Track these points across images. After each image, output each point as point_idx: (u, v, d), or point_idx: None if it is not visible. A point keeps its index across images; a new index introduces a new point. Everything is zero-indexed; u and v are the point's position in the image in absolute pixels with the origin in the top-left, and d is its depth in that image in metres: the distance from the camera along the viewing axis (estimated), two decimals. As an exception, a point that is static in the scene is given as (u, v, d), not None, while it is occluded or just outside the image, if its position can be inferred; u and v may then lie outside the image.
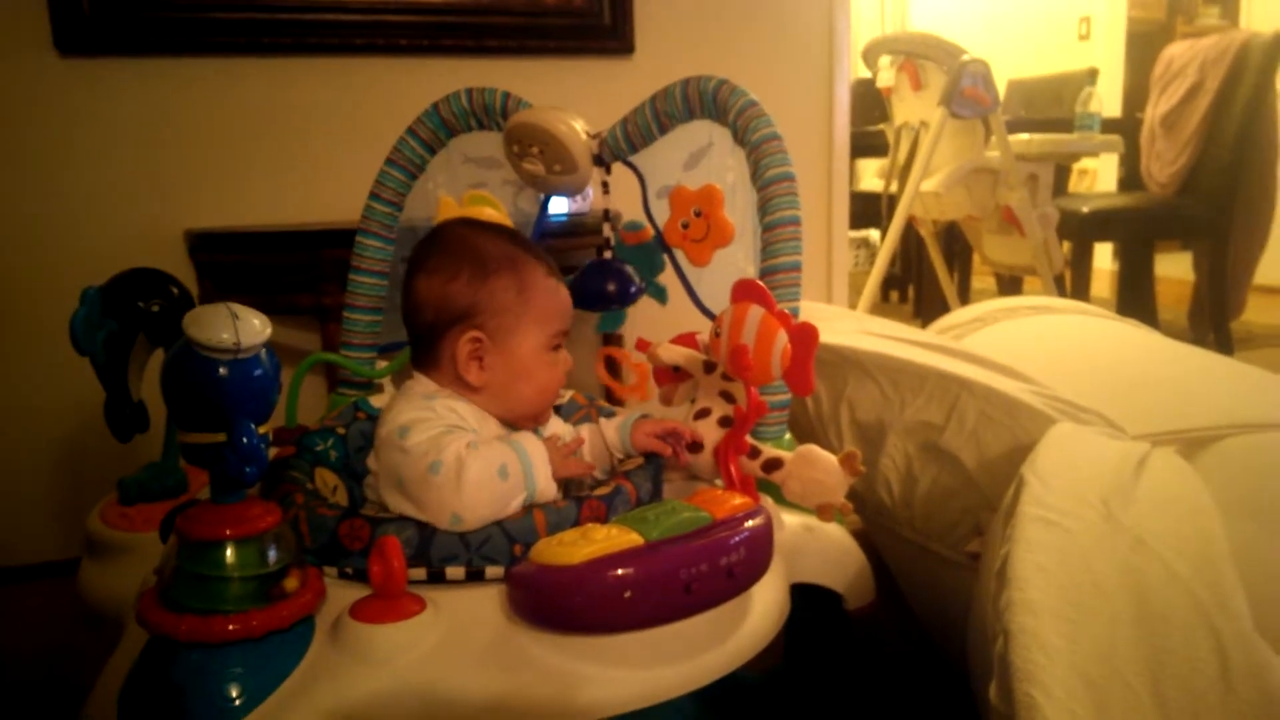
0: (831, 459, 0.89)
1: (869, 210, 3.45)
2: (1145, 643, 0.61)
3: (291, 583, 0.67)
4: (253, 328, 0.62)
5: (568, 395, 1.09)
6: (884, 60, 2.98)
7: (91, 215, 1.74)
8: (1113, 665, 0.59)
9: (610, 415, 1.05)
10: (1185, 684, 0.58)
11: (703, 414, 0.98)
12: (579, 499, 0.78)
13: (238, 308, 0.63)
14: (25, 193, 1.71)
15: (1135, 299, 3.32)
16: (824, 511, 0.90)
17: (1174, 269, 3.81)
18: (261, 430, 0.64)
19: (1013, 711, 0.58)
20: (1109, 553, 0.70)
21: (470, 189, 1.21)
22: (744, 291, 0.91)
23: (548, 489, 0.81)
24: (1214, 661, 0.58)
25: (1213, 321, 3.23)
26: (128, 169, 1.76)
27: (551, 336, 0.91)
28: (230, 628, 0.63)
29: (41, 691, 1.28)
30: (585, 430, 0.98)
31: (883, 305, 4.10)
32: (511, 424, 0.91)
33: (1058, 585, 0.67)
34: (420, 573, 0.74)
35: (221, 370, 0.61)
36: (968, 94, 2.57)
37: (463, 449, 0.78)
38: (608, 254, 1.24)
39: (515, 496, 0.79)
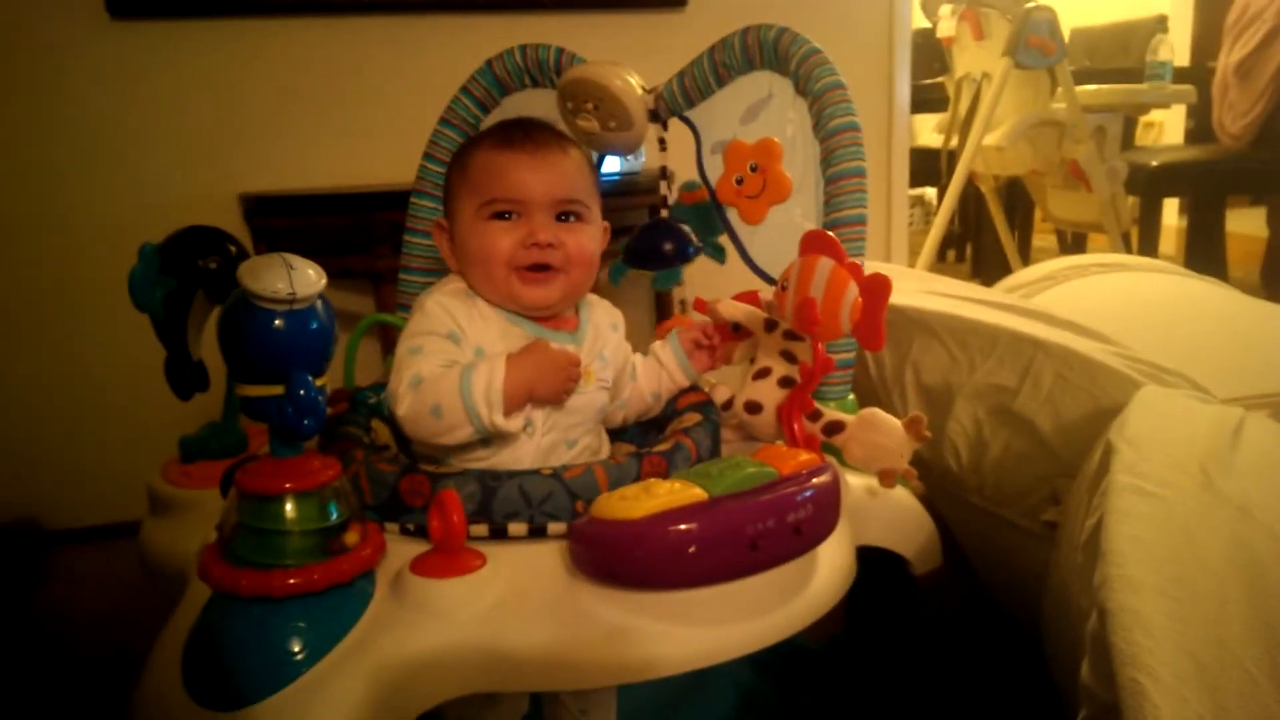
0: (895, 423, 0.86)
1: (926, 167, 3.34)
2: (1261, 623, 0.57)
3: (352, 537, 0.67)
4: (308, 278, 0.61)
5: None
6: (945, 9, 2.88)
7: (147, 179, 1.75)
8: (1226, 648, 0.55)
9: None
10: (1308, 669, 0.54)
11: (763, 374, 0.95)
12: (639, 455, 0.76)
13: (292, 258, 0.62)
14: (80, 157, 1.72)
15: (1205, 256, 3.18)
16: (886, 477, 0.86)
17: (1244, 225, 3.65)
18: (319, 383, 0.63)
19: (1114, 696, 0.54)
20: (1212, 525, 0.66)
21: None
22: (813, 243, 0.87)
23: (498, 421, 0.78)
24: (1341, 645, 0.54)
25: (1288, 279, 3.10)
26: (182, 132, 1.76)
27: (484, 204, 0.88)
28: (291, 581, 0.62)
29: (101, 654, 1.30)
30: (639, 361, 0.97)
31: (939, 265, 3.99)
32: (517, 313, 0.89)
33: (1158, 560, 0.63)
34: (482, 529, 0.73)
35: (277, 321, 0.61)
36: (1033, 43, 2.47)
37: (414, 375, 0.81)
38: (664, 213, 1.20)
39: (456, 430, 0.79)
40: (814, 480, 0.70)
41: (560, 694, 0.93)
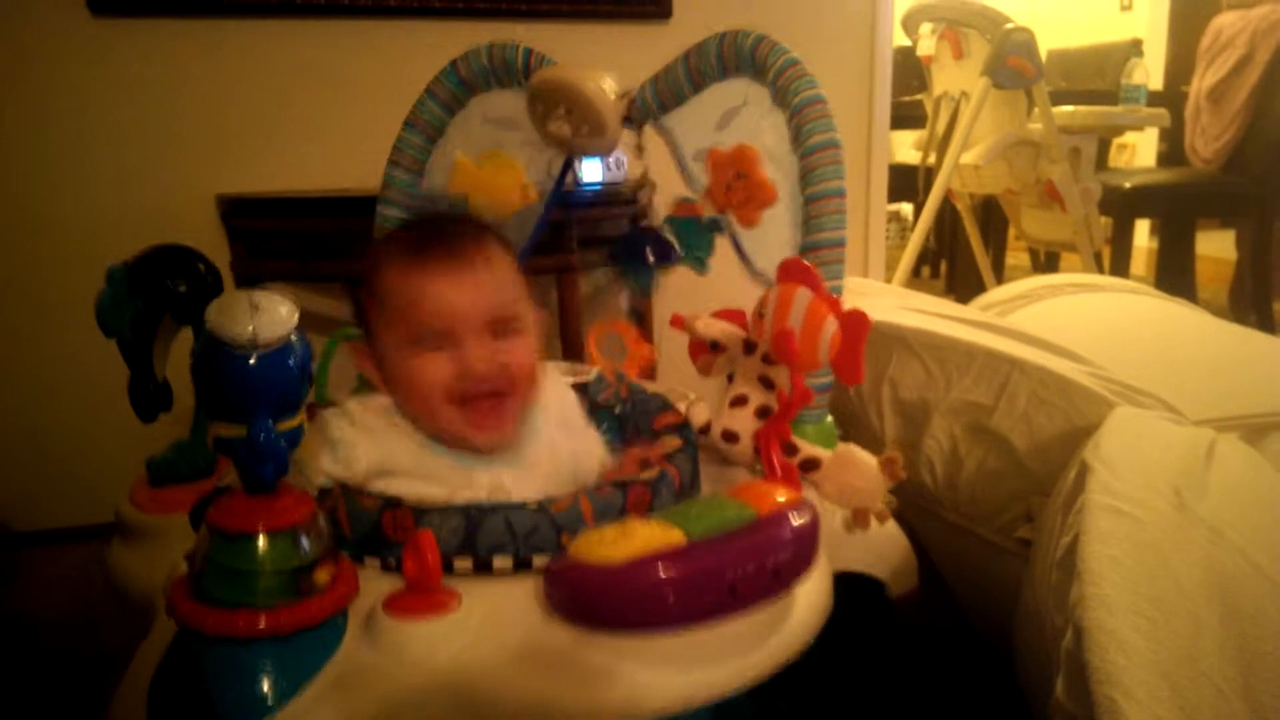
0: (871, 463, 0.85)
1: (904, 183, 3.37)
2: (1234, 644, 0.58)
3: (323, 576, 0.64)
4: (275, 319, 0.58)
5: (594, 371, 1.05)
6: (925, 27, 2.90)
7: (123, 178, 1.73)
8: (1199, 668, 0.56)
9: (639, 391, 1.02)
10: (1280, 691, 0.55)
11: (739, 401, 0.94)
12: (624, 486, 0.76)
13: (261, 297, 0.59)
14: (55, 153, 1.70)
15: (1175, 277, 3.23)
16: (860, 517, 0.86)
17: (1212, 247, 3.71)
18: (289, 425, 0.61)
19: (1089, 713, 0.55)
20: (1185, 545, 0.67)
21: (487, 150, 1.16)
22: (790, 272, 0.87)
23: None
24: (1312, 669, 0.55)
25: (1254, 302, 3.15)
26: (160, 131, 1.74)
27: (408, 336, 0.81)
28: (259, 625, 0.61)
29: (70, 655, 1.28)
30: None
31: (914, 281, 4.02)
32: (435, 439, 0.82)
33: (1133, 580, 0.63)
34: (466, 563, 0.71)
35: (240, 364, 0.58)
36: (1012, 64, 2.50)
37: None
38: (645, 223, 1.20)
39: None
40: (794, 521, 0.69)
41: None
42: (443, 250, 0.82)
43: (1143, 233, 3.92)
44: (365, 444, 0.79)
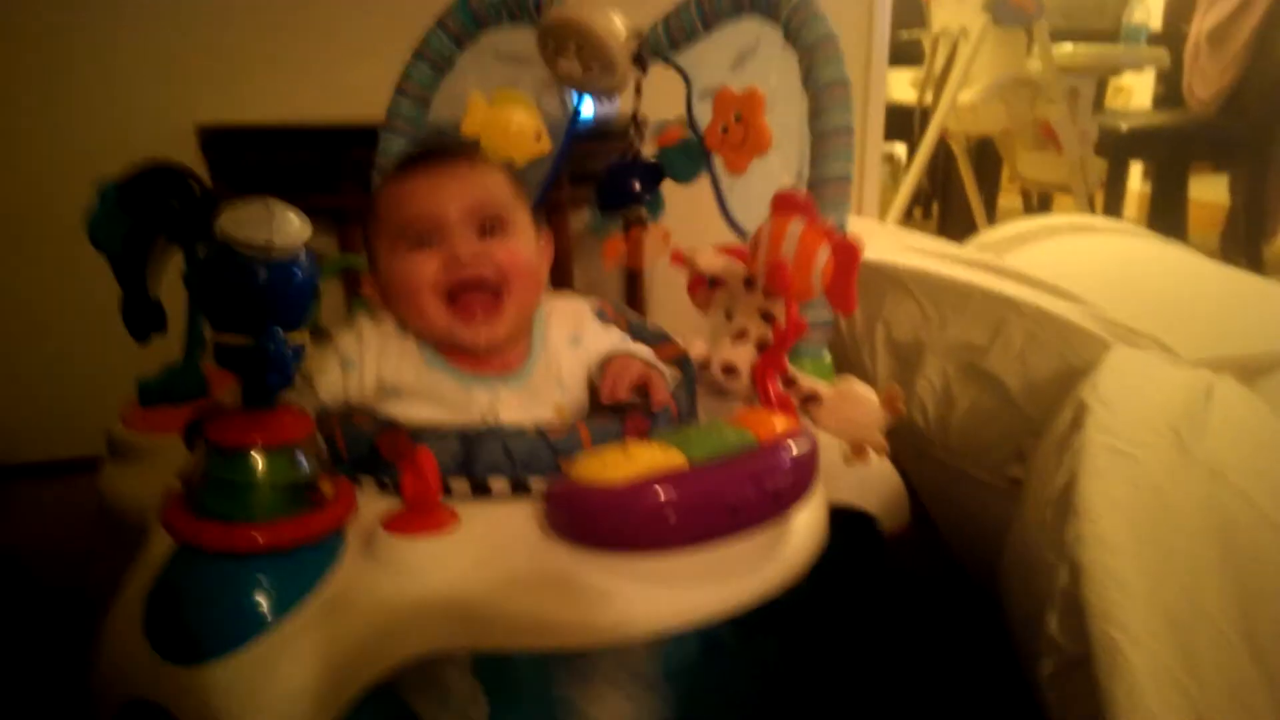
0: (872, 397, 0.85)
1: (899, 123, 3.33)
2: (1234, 584, 0.58)
3: (327, 487, 0.65)
4: (291, 227, 0.58)
5: (594, 305, 1.04)
6: (924, -39, 2.84)
7: (99, 106, 1.67)
8: (1199, 607, 0.56)
9: (639, 325, 1.01)
10: (1280, 628, 0.55)
11: (740, 336, 0.94)
12: (622, 415, 0.75)
13: (275, 205, 0.59)
14: (30, 81, 1.64)
15: (1168, 221, 3.22)
16: (858, 451, 0.86)
17: (1206, 192, 3.70)
18: (295, 337, 0.61)
19: (1084, 649, 0.55)
20: (1185, 486, 0.67)
21: (501, 88, 1.15)
22: (785, 204, 0.86)
23: None
24: (1312, 607, 0.56)
25: (1245, 246, 3.14)
26: (136, 56, 1.67)
27: (397, 235, 0.82)
28: (259, 540, 0.61)
29: (63, 587, 1.28)
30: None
31: (905, 221, 4.00)
32: (436, 353, 0.83)
33: (1133, 519, 0.63)
34: (463, 485, 0.72)
35: (255, 271, 0.58)
36: (1013, 1, 2.45)
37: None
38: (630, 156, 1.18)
39: None
40: (793, 447, 0.70)
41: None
42: (428, 156, 0.85)
43: (1135, 177, 3.89)
44: (372, 362, 0.81)
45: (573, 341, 0.89)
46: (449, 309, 0.81)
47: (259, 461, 0.61)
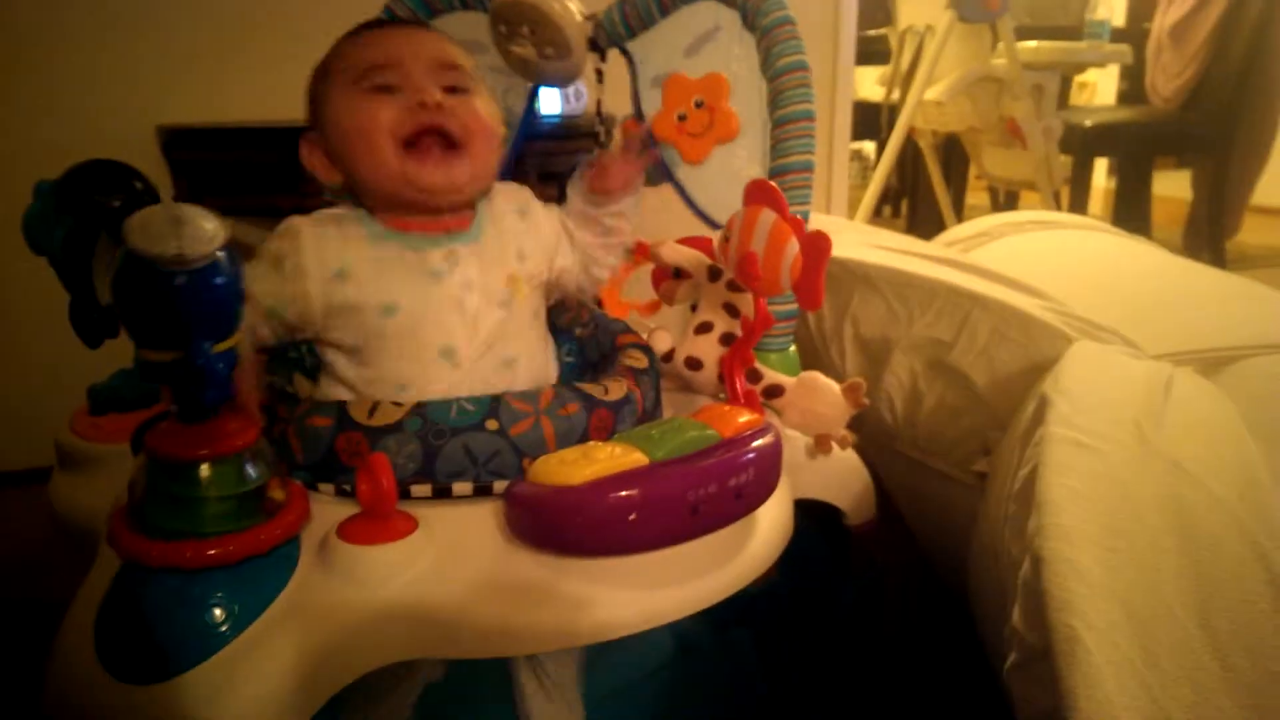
0: (835, 389, 0.85)
1: (867, 120, 3.34)
2: (1192, 573, 0.58)
3: (278, 493, 0.63)
4: (201, 234, 0.54)
5: None
6: (890, -41, 2.86)
7: (57, 106, 1.64)
8: (1158, 596, 0.56)
9: (601, 314, 1.00)
10: (1237, 617, 0.55)
11: (704, 328, 0.94)
12: (587, 407, 0.74)
13: (183, 210, 0.54)
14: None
15: (1132, 217, 3.26)
16: (822, 443, 0.86)
17: (1169, 187, 3.75)
18: (225, 345, 0.57)
19: (1046, 640, 0.55)
20: (1145, 477, 0.67)
21: None
22: (757, 193, 0.85)
23: None
24: (1268, 595, 0.56)
25: (1208, 241, 3.19)
26: (96, 56, 1.65)
27: (358, 78, 0.78)
28: (209, 553, 0.59)
29: (13, 605, 1.25)
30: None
31: (874, 220, 4.02)
32: (384, 227, 0.80)
33: (1093, 511, 0.64)
34: (425, 489, 0.69)
35: (168, 282, 0.53)
36: (977, -3, 2.47)
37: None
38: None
39: None
40: (756, 443, 0.69)
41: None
42: (393, 18, 0.85)
43: (1099, 173, 3.93)
44: (311, 251, 0.77)
45: (520, 213, 0.88)
46: (408, 152, 0.78)
47: (204, 473, 0.59)
